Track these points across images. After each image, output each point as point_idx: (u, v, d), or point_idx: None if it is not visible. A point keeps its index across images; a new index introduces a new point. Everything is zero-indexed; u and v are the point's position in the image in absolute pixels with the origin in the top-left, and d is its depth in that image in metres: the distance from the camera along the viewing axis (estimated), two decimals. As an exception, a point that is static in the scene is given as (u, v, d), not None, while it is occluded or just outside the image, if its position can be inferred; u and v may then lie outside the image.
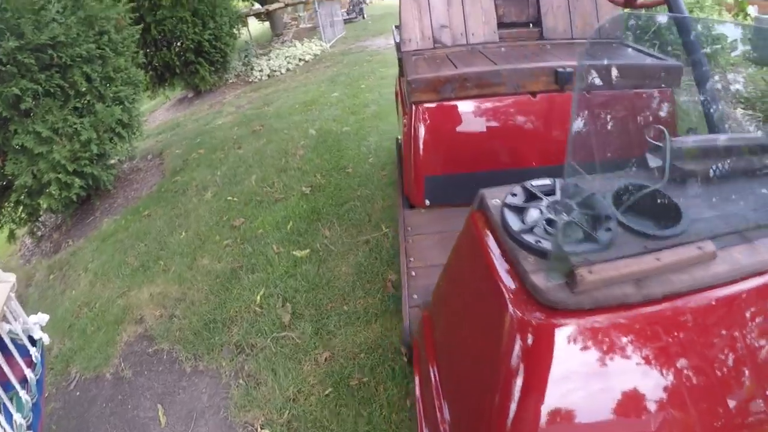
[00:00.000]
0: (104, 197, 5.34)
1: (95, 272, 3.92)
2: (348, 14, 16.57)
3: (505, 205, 1.03)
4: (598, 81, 1.26)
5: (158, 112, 9.19)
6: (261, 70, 9.93)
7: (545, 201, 1.04)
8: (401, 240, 2.42)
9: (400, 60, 2.77)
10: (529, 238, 0.93)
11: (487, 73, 2.36)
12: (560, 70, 2.34)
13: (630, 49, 2.80)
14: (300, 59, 10.54)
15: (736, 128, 1.97)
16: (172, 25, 7.63)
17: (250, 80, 9.76)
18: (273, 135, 6.05)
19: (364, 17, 17.10)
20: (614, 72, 1.90)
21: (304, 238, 3.71)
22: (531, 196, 1.07)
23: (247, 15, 11.14)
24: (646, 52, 2.77)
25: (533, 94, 2.44)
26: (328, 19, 12.36)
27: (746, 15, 7.06)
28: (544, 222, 0.98)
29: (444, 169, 2.56)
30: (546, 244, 0.92)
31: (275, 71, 9.98)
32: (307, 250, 3.54)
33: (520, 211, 1.02)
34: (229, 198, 4.61)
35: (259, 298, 3.15)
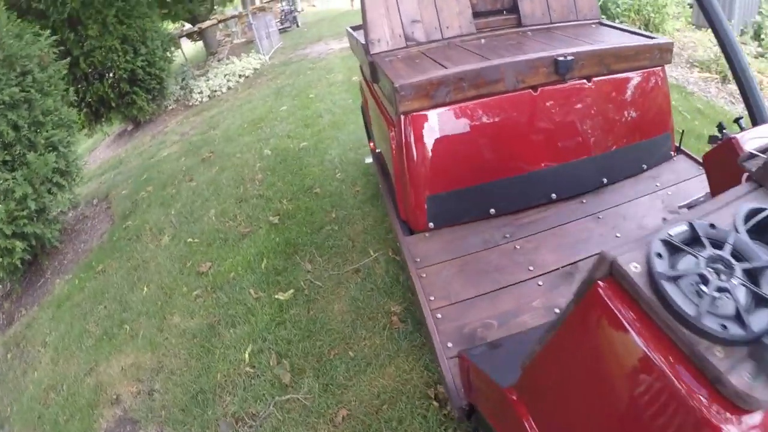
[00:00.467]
0: (52, 255, 4.82)
1: (55, 347, 3.46)
2: (282, 24, 16.20)
3: (662, 275, 0.72)
4: None
5: (98, 150, 8.59)
6: (201, 92, 9.46)
7: (701, 260, 0.75)
8: (413, 276, 2.10)
9: (371, 64, 2.48)
10: (712, 324, 0.67)
11: (485, 70, 2.12)
12: (560, 58, 2.14)
13: (612, 29, 2.64)
14: (240, 75, 10.12)
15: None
16: (102, 56, 7.09)
17: (191, 104, 9.27)
18: (225, 161, 5.65)
19: (298, 25, 16.84)
20: None
21: (284, 277, 3.36)
22: (673, 249, 0.78)
23: (180, 36, 10.62)
24: (629, 30, 2.61)
25: (534, 88, 2.22)
26: (264, 30, 11.94)
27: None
28: (715, 290, 0.70)
29: (448, 186, 2.28)
30: (735, 330, 0.66)
31: (216, 91, 9.53)
32: (291, 291, 3.19)
33: (675, 279, 0.73)
34: (189, 240, 4.19)
35: (247, 356, 2.79)
